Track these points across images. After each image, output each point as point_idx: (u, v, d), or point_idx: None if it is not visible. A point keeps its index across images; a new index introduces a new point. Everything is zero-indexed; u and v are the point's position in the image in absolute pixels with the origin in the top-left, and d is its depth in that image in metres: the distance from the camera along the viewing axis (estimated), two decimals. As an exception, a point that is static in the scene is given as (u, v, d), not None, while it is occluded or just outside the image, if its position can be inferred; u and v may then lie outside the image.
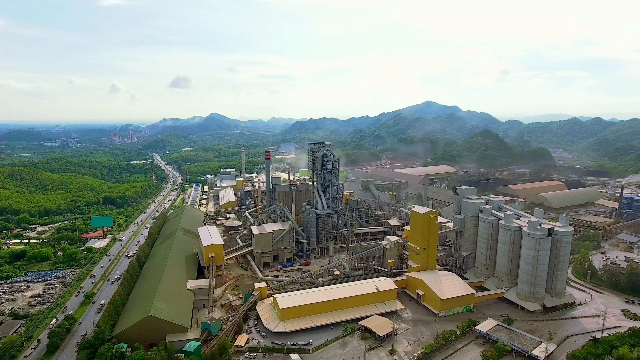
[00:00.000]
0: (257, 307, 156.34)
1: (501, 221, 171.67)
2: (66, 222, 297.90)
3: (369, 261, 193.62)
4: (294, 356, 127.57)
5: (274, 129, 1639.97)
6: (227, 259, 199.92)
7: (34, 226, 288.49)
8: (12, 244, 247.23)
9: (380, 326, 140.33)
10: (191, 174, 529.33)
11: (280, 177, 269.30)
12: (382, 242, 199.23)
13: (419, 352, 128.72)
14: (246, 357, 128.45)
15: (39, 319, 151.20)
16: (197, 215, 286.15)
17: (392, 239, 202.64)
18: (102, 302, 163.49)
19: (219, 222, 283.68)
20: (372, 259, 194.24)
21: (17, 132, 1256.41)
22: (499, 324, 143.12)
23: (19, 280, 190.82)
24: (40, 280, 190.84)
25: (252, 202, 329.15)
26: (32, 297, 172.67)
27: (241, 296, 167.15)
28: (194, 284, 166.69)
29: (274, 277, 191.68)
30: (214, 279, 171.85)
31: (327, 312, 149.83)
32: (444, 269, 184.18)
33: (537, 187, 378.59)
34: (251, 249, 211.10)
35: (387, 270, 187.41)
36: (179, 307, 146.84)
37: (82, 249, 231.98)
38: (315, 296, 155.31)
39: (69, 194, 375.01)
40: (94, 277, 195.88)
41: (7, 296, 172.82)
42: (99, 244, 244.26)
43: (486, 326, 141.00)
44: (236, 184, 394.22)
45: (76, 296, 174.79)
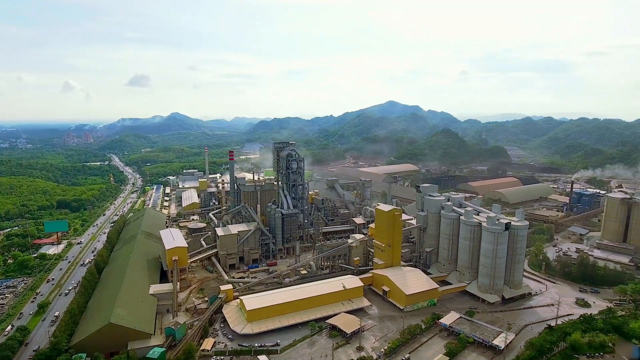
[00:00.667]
0: (223, 310, 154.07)
1: (462, 217, 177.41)
2: (17, 227, 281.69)
3: (335, 260, 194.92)
4: (262, 357, 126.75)
5: (237, 129, 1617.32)
6: (191, 262, 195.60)
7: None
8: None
9: (347, 324, 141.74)
10: (152, 176, 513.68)
11: (244, 178, 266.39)
12: (348, 240, 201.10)
13: (386, 348, 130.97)
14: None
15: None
16: (158, 217, 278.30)
17: (358, 237, 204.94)
18: (57, 314, 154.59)
19: (182, 224, 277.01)
20: (339, 257, 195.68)
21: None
22: (461, 317, 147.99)
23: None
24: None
25: (216, 203, 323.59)
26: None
27: (207, 299, 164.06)
28: (156, 288, 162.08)
29: (240, 278, 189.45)
30: (178, 283, 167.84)
31: (294, 312, 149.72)
32: (408, 265, 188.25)
33: (495, 184, 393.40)
34: (216, 251, 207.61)
35: (353, 268, 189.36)
36: (141, 313, 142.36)
37: (35, 255, 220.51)
38: (282, 296, 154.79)
39: (19, 198, 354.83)
40: (51, 281, 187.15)
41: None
42: (53, 250, 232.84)
43: (449, 319, 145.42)
44: (199, 185, 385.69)
45: (32, 302, 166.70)
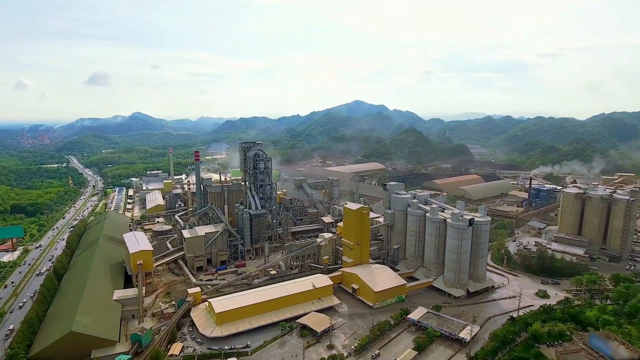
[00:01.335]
0: (191, 314, 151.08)
1: (427, 214, 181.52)
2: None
3: (304, 259, 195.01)
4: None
5: (203, 129, 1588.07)
6: (157, 266, 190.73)
7: None
8: None
9: (317, 322, 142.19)
10: (113, 177, 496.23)
11: (211, 178, 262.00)
12: (317, 239, 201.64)
13: (356, 345, 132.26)
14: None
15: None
16: (121, 220, 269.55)
17: (327, 236, 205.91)
18: (11, 326, 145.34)
19: (146, 227, 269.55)
20: (308, 256, 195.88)
21: None
22: (429, 311, 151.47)
23: None
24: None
25: (182, 204, 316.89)
26: None
27: (174, 303, 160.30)
28: (121, 294, 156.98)
29: (208, 281, 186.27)
30: (144, 287, 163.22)
31: (264, 313, 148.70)
32: (377, 263, 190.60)
33: (458, 181, 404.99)
34: (183, 253, 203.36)
35: (322, 267, 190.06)
36: (105, 319, 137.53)
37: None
38: (252, 297, 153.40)
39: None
40: (6, 289, 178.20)
41: None
42: (7, 257, 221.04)
43: (417, 314, 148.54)
44: (164, 187, 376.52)
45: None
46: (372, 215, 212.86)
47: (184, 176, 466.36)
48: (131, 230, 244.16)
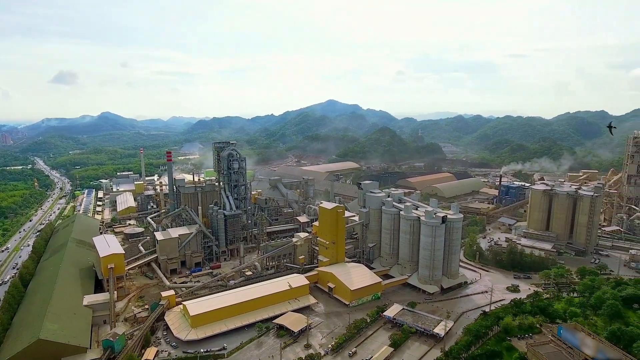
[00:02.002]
0: (165, 317, 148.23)
1: (401, 212, 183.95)
2: None
3: (280, 259, 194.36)
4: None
5: (175, 129, 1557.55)
6: (129, 269, 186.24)
7: None
8: None
9: (294, 322, 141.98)
10: (82, 179, 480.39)
11: (184, 179, 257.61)
12: (293, 239, 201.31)
13: (333, 343, 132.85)
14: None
15: None
16: (91, 223, 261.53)
17: (302, 235, 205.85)
18: None
19: (117, 230, 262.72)
20: (284, 256, 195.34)
21: None
22: (404, 308, 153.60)
23: None
24: None
25: (155, 206, 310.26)
26: None
27: (147, 307, 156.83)
28: (91, 299, 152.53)
29: (182, 283, 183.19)
30: (115, 292, 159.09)
31: (241, 314, 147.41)
32: (352, 261, 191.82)
33: (431, 179, 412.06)
34: (156, 256, 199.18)
35: (298, 266, 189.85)
36: (75, 326, 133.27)
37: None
38: (227, 299, 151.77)
39: None
40: None
41: None
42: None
43: (393, 311, 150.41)
44: (135, 188, 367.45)
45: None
46: (347, 214, 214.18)
47: (156, 177, 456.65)
48: (101, 233, 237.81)
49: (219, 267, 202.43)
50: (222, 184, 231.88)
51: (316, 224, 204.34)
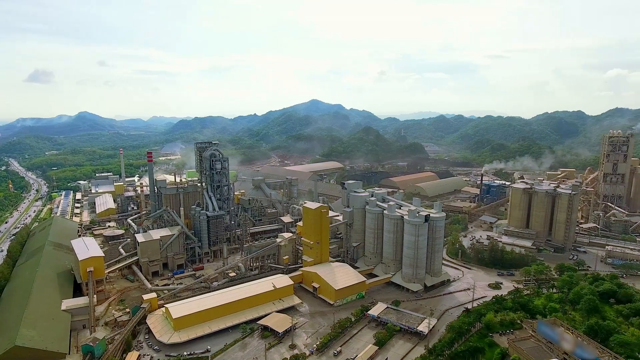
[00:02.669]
0: (147, 320, 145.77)
1: (385, 211, 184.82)
2: None
3: (264, 260, 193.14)
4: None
5: (155, 129, 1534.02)
6: (109, 272, 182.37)
7: None
8: None
9: (279, 323, 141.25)
10: (59, 181, 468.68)
11: (165, 180, 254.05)
12: (277, 239, 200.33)
13: (318, 343, 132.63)
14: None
15: None
16: (69, 226, 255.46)
17: (286, 235, 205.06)
18: None
19: (96, 233, 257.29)
20: (268, 257, 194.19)
21: None
22: (388, 307, 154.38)
23: None
24: None
25: (135, 208, 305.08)
26: None
27: (128, 311, 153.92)
28: (70, 303, 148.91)
29: (164, 286, 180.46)
30: (95, 296, 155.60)
31: (225, 316, 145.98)
32: (337, 261, 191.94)
33: (414, 179, 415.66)
34: (137, 258, 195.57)
35: (283, 267, 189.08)
36: (54, 331, 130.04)
37: None
38: (211, 301, 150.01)
39: None
40: None
41: None
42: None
43: (377, 310, 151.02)
44: (115, 190, 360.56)
45: None
46: (331, 214, 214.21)
47: (136, 178, 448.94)
48: (80, 236, 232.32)
49: (202, 269, 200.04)
50: (204, 184, 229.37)
51: (300, 224, 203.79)
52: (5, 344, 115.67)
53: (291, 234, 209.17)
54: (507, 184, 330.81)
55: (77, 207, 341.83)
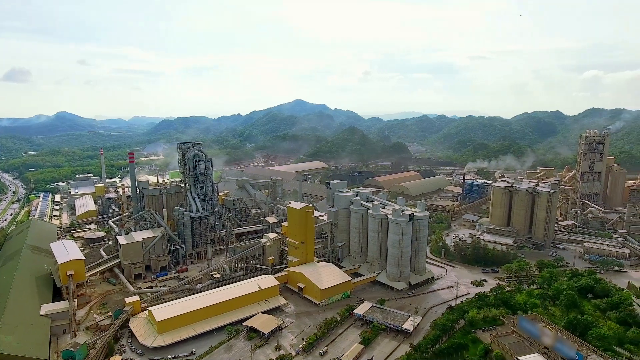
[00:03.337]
0: (130, 324, 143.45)
1: (370, 211, 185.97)
2: None
3: (249, 260, 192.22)
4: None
5: (137, 129, 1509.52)
6: (89, 275, 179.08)
7: None
8: None
9: (264, 324, 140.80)
10: (37, 182, 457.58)
11: (147, 181, 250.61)
12: (261, 240, 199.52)
13: (304, 343, 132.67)
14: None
15: None
16: (48, 229, 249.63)
17: (271, 236, 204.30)
18: None
19: (77, 235, 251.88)
20: (253, 258, 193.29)
21: None
22: (373, 305, 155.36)
23: None
24: None
25: (117, 209, 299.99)
26: None
27: (110, 314, 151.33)
28: (49, 308, 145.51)
29: (147, 288, 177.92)
30: (75, 300, 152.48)
31: (209, 318, 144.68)
32: (322, 261, 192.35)
33: (398, 178, 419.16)
34: (119, 261, 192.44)
35: (268, 267, 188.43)
36: (32, 337, 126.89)
37: None
38: (195, 303, 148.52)
39: None
40: None
41: None
42: None
43: (363, 309, 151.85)
44: (96, 191, 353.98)
45: None
46: (316, 213, 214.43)
47: (117, 179, 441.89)
48: (59, 238, 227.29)
49: (185, 271, 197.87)
50: (187, 185, 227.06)
51: (285, 224, 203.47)
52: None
53: (276, 235, 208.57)
54: (489, 182, 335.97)
55: (56, 209, 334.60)
